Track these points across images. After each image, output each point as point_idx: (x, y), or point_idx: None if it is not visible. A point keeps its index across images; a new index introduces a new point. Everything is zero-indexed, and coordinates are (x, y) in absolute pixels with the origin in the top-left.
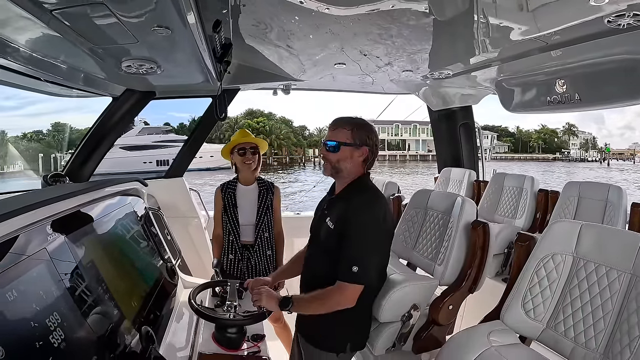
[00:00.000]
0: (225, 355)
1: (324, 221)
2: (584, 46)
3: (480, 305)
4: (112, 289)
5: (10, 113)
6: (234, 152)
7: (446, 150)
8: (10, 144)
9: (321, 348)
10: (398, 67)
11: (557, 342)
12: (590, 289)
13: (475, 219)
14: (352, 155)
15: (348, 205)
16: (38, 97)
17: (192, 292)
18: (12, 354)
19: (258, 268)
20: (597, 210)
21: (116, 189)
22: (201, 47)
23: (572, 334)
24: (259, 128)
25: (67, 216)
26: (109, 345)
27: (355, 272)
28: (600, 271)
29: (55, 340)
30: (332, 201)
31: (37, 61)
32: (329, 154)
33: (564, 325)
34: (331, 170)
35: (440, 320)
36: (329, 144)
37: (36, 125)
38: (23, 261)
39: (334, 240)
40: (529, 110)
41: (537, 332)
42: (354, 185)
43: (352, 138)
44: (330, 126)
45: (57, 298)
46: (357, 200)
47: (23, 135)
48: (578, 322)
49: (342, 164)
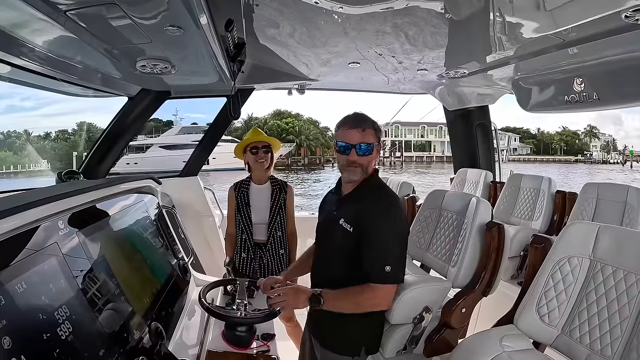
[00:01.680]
0: (234, 354)
1: (335, 222)
2: (602, 43)
3: (494, 308)
4: (123, 284)
5: (29, 113)
6: (247, 151)
7: (462, 150)
8: (35, 143)
9: (336, 352)
10: (413, 66)
11: (571, 348)
12: (607, 294)
13: (490, 220)
14: (376, 155)
15: (368, 206)
16: (55, 97)
17: (202, 290)
18: (20, 345)
19: (270, 267)
20: (616, 212)
21: (129, 186)
22: (214, 46)
23: (587, 341)
24: (289, 129)
25: (79, 211)
26: (118, 340)
27: (388, 272)
28: (617, 275)
29: (64, 332)
30: (342, 202)
31: (53, 61)
32: (362, 158)
33: (579, 331)
34: (362, 174)
35: (452, 323)
36: (363, 147)
37: (53, 125)
38: (34, 254)
39: (352, 242)
40: (546, 109)
41: (552, 337)
42: (367, 185)
43: (376, 137)
44: (354, 126)
45: (67, 291)
46: (378, 201)
47: (46, 134)
48: (594, 328)
49: (371, 165)
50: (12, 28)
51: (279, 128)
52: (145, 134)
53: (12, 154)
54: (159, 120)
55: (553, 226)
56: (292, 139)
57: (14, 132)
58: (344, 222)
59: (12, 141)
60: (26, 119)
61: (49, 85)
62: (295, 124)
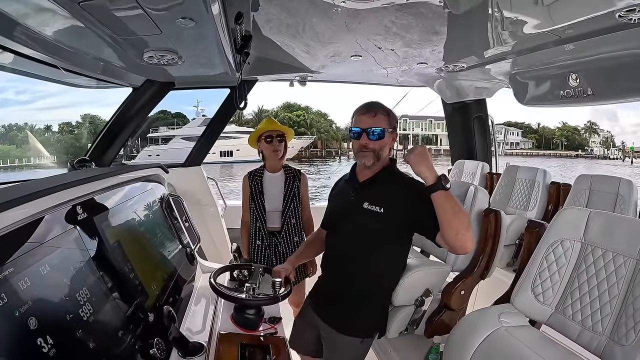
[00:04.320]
0: (244, 335)
1: (357, 207)
2: (597, 40)
3: (491, 293)
4: (137, 268)
5: (24, 107)
6: (261, 140)
7: (460, 142)
8: (38, 136)
9: (346, 333)
10: (413, 60)
11: (565, 325)
12: (598, 274)
13: (488, 207)
14: (389, 142)
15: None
16: (50, 91)
17: (213, 273)
18: (46, 325)
19: (285, 254)
20: (608, 203)
21: (139, 174)
22: (223, 38)
23: (579, 318)
24: (300, 121)
25: (94, 197)
26: (134, 321)
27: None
28: (607, 257)
29: (85, 314)
30: (362, 187)
31: (61, 51)
32: (373, 142)
33: (572, 309)
34: (374, 159)
35: (452, 305)
36: (374, 131)
37: (49, 118)
38: (56, 238)
39: (384, 223)
40: (542, 104)
41: (546, 315)
42: (389, 170)
43: (390, 124)
44: (366, 112)
45: (87, 274)
46: (411, 181)
47: (46, 127)
48: (585, 306)
49: (384, 151)
50: (22, 18)
51: (290, 121)
52: (167, 126)
53: (15, 147)
54: (167, 112)
55: (547, 215)
56: (304, 132)
57: (15, 125)
58: (369, 205)
59: (13, 134)
60: (22, 112)
61: (53, 76)
62: (306, 116)
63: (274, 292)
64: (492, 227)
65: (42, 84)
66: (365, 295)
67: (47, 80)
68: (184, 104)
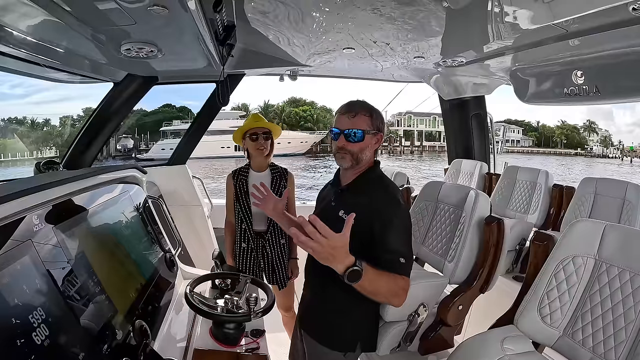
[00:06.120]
0: (221, 353)
1: (334, 214)
2: (605, 35)
3: (489, 304)
4: (104, 281)
5: (19, 101)
6: (246, 137)
7: (457, 141)
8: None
9: (328, 346)
10: (409, 53)
11: (573, 351)
12: (613, 296)
13: (489, 215)
14: (371, 144)
15: (373, 199)
16: (44, 85)
17: (192, 282)
18: None
19: (272, 257)
20: (614, 209)
21: (112, 176)
22: (202, 28)
23: (590, 343)
24: (306, 117)
25: (55, 205)
26: (100, 341)
27: (403, 263)
28: (624, 277)
29: (39, 337)
30: (341, 193)
31: (37, 47)
32: (351, 144)
33: (582, 333)
34: (352, 162)
35: (449, 320)
36: (353, 132)
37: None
38: (4, 254)
39: (351, 236)
40: (544, 102)
41: (553, 339)
42: (368, 175)
43: (372, 125)
44: (345, 112)
45: (42, 293)
46: (383, 193)
47: (45, 121)
48: (597, 330)
49: (364, 154)
50: None
51: (297, 116)
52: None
53: (15, 141)
54: (172, 106)
55: (549, 220)
56: (310, 127)
57: (15, 119)
58: (343, 214)
59: (13, 128)
60: (17, 107)
61: (35, 72)
62: (312, 112)
63: (249, 308)
64: (494, 237)
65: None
66: (343, 309)
67: (31, 76)
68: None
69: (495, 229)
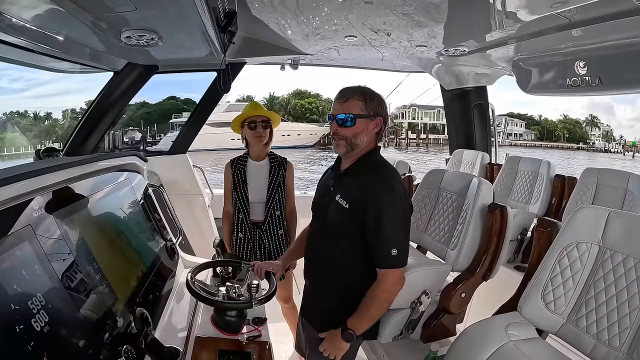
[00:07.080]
0: (223, 340)
1: (331, 199)
2: (608, 25)
3: (491, 293)
4: (105, 269)
5: (18, 95)
6: (244, 126)
7: (459, 131)
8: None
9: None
10: (411, 42)
11: (577, 337)
12: (617, 282)
13: (492, 202)
14: (367, 128)
15: (366, 184)
16: (44, 79)
17: (193, 269)
18: None
19: (269, 248)
20: (616, 199)
21: (111, 163)
22: (203, 15)
23: (594, 330)
24: (312, 108)
25: (55, 191)
26: (101, 329)
27: (395, 255)
28: (628, 263)
29: (39, 324)
30: (339, 177)
31: (37, 35)
32: (343, 129)
33: (586, 320)
34: (347, 147)
35: (451, 308)
36: (342, 117)
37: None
38: (4, 239)
39: (348, 220)
40: (547, 92)
41: (557, 326)
42: (365, 160)
43: (366, 109)
44: (338, 98)
45: (42, 279)
46: (377, 178)
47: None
48: (601, 317)
49: (359, 139)
50: None
51: (302, 108)
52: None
53: (19, 134)
54: (177, 98)
55: (551, 210)
56: (316, 119)
57: (17, 113)
58: (339, 198)
59: (15, 121)
60: (17, 100)
61: (35, 62)
62: (317, 103)
63: (250, 295)
64: (497, 224)
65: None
66: (340, 295)
67: (31, 66)
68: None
69: (498, 215)
